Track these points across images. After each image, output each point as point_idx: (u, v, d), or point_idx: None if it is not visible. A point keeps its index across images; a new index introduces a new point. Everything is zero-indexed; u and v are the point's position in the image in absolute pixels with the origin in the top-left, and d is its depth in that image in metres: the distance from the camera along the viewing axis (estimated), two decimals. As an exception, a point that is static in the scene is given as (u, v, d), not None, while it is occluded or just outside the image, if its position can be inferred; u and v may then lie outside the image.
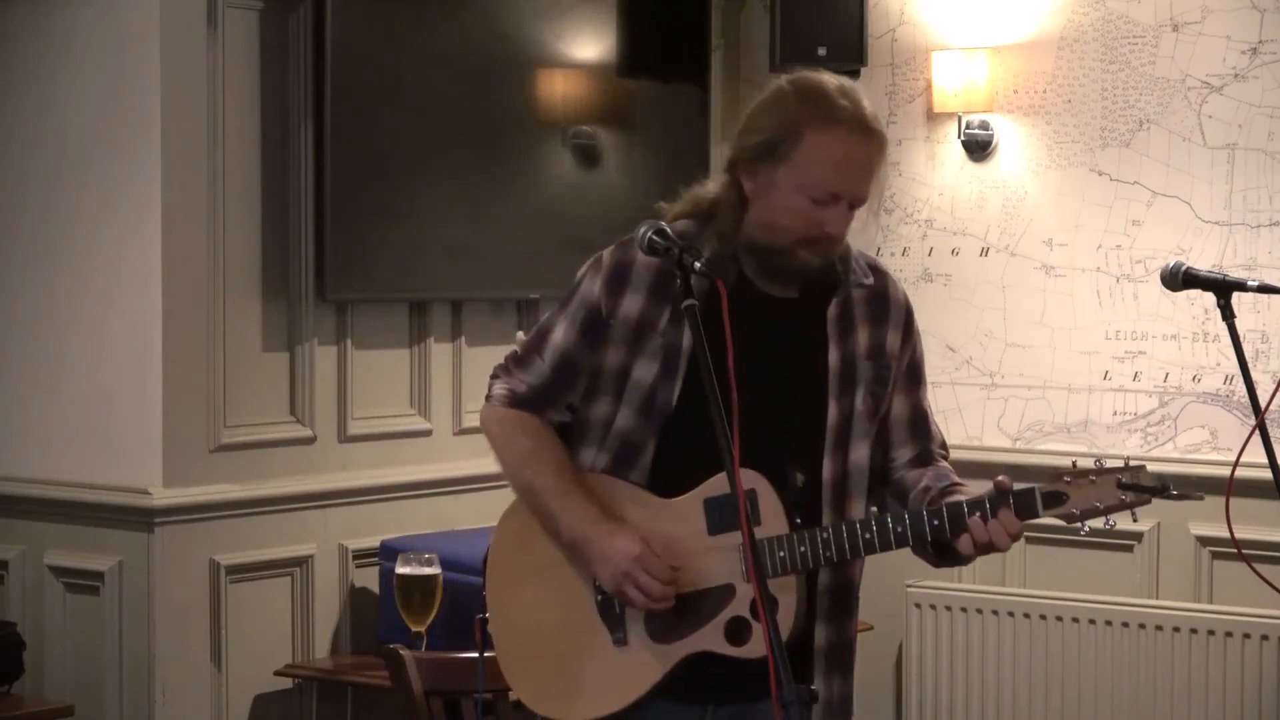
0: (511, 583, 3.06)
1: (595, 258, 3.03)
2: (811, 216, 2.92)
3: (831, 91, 2.95)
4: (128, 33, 4.68)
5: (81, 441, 4.78)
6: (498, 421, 3.07)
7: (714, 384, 2.65)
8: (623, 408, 2.98)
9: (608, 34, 5.55)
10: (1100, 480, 2.89)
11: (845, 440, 3.01)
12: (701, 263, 2.78)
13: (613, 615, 2.97)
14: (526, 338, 3.10)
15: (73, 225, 4.79)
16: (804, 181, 2.91)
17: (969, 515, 2.89)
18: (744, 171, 2.96)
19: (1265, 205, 5.22)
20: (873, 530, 2.92)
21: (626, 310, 2.97)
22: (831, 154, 2.91)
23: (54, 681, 4.79)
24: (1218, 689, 5.13)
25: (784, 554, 2.90)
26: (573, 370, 3.01)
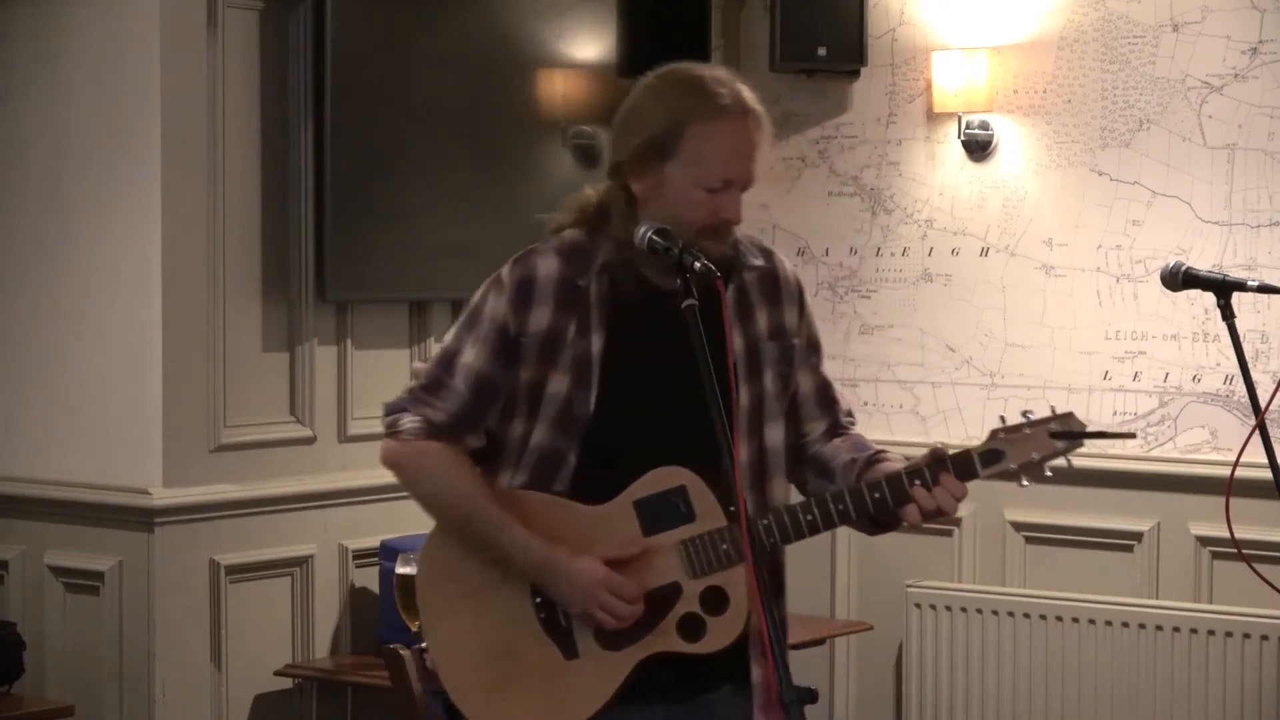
0: (445, 611, 3.02)
1: (494, 277, 3.01)
2: (708, 206, 2.93)
3: (707, 81, 2.96)
4: (128, 33, 4.68)
5: (81, 441, 4.78)
6: (414, 455, 2.99)
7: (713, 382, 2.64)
8: (538, 424, 2.97)
9: (608, 34, 5.55)
10: (1033, 432, 2.93)
11: (759, 423, 3.03)
12: (701, 262, 2.80)
13: (559, 629, 2.96)
14: (428, 366, 3.03)
15: (73, 225, 4.79)
16: (697, 173, 2.92)
17: (910, 484, 2.91)
18: (631, 173, 2.96)
19: (1265, 205, 5.22)
20: (814, 511, 2.93)
21: (535, 325, 2.96)
22: (720, 142, 2.92)
23: (54, 681, 4.79)
24: (1218, 689, 5.13)
25: (726, 546, 2.92)
26: (490, 392, 2.97)
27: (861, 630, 5.65)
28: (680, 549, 2.93)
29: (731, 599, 2.93)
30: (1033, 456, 2.92)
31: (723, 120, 2.93)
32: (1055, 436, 2.93)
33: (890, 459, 3.04)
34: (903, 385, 5.74)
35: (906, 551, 5.63)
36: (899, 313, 5.75)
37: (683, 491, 2.92)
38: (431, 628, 3.04)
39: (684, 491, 2.92)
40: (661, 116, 2.93)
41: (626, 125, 2.99)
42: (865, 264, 5.80)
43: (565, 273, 2.95)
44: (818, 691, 5.38)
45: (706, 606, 2.93)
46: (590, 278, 2.96)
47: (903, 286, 5.74)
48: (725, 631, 2.93)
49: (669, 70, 3.02)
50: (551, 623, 2.96)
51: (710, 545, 2.92)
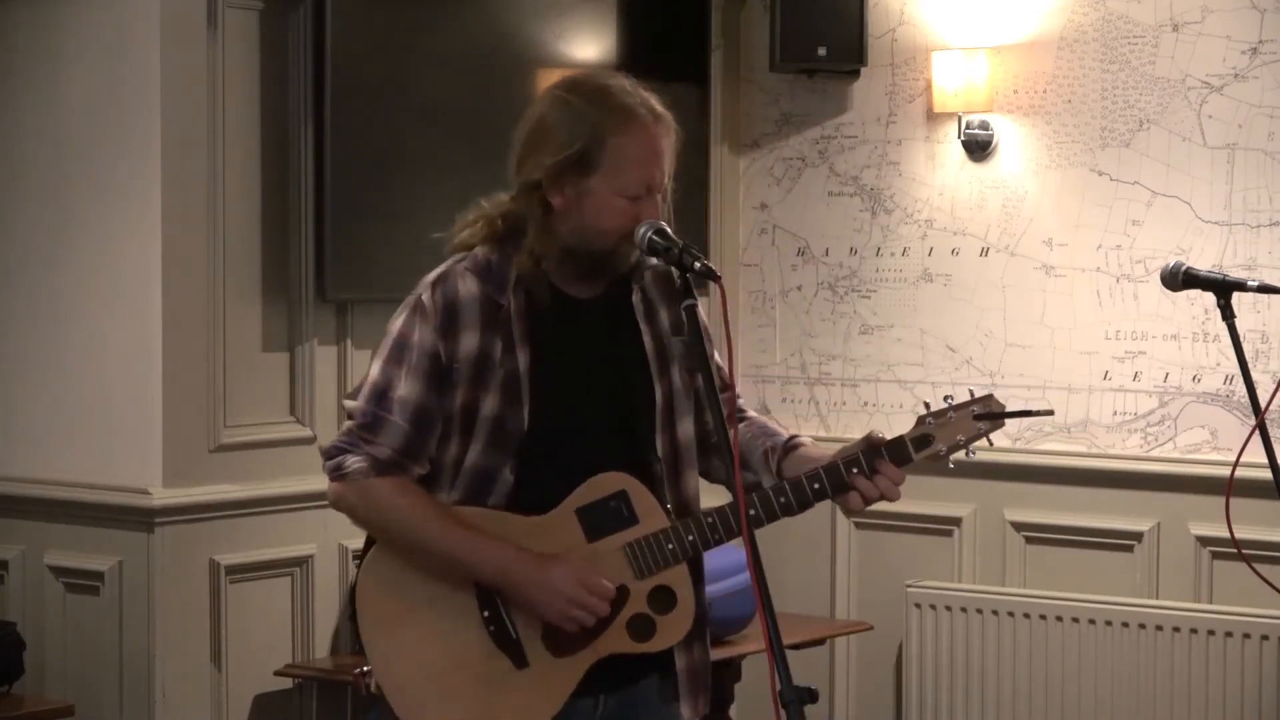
0: (388, 629, 3.01)
1: (415, 302, 3.03)
2: (629, 213, 2.96)
3: (616, 90, 3.00)
4: (128, 32, 4.68)
5: (81, 441, 4.78)
6: (363, 494, 2.99)
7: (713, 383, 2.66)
8: (473, 444, 2.99)
9: (608, 34, 5.55)
10: (958, 416, 3.06)
11: (671, 418, 3.08)
12: (701, 262, 2.83)
13: (508, 640, 2.99)
14: (361, 404, 3.00)
15: (73, 225, 4.79)
16: (618, 183, 2.96)
17: (849, 473, 3.00)
18: (551, 187, 2.98)
19: (1265, 205, 5.22)
20: (757, 506, 2.99)
21: (465, 350, 2.98)
22: (638, 151, 2.97)
23: (54, 681, 4.79)
24: (1218, 689, 5.13)
25: (673, 546, 2.98)
26: (430, 422, 2.98)
27: (861, 630, 5.65)
28: (625, 551, 2.99)
29: (679, 596, 3.00)
30: (958, 439, 3.06)
31: (640, 130, 2.97)
32: (978, 419, 3.07)
33: (806, 444, 3.12)
34: (903, 385, 5.74)
35: (906, 551, 5.63)
36: (899, 313, 5.75)
37: (624, 496, 2.98)
38: (374, 646, 3.02)
39: (625, 496, 2.98)
40: (579, 131, 2.96)
41: (538, 139, 3.00)
42: (865, 264, 5.80)
43: (485, 292, 2.99)
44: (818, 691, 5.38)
45: (655, 606, 3.00)
46: (508, 294, 3.00)
47: (903, 286, 5.74)
48: (675, 629, 3.01)
49: (574, 82, 3.05)
50: (501, 635, 2.99)
51: (655, 546, 2.98)
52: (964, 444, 3.05)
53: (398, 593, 3.01)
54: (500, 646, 2.98)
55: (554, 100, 3.01)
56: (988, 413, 3.07)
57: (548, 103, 3.02)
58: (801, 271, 5.88)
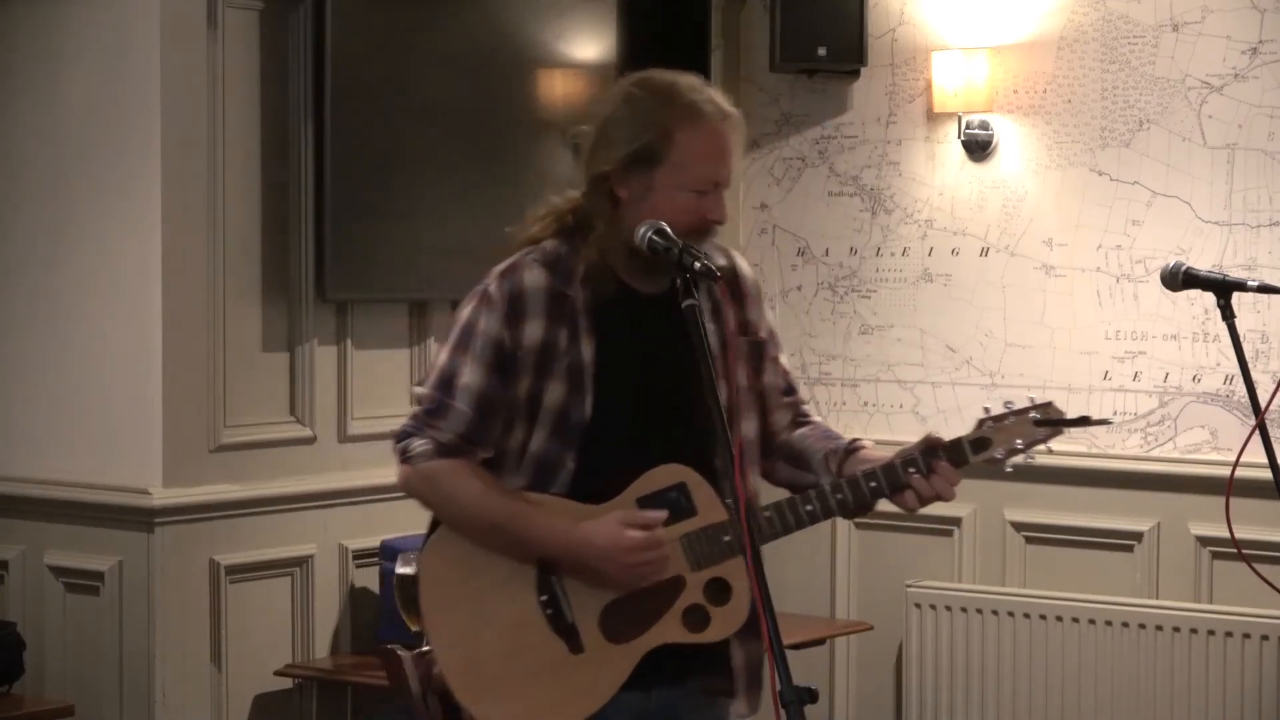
0: (449, 611, 3.06)
1: (482, 292, 3.07)
2: (696, 208, 3.02)
3: (684, 88, 3.06)
4: (128, 32, 4.68)
5: (81, 441, 4.78)
6: (429, 477, 3.06)
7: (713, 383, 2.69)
8: (536, 431, 3.04)
9: (608, 34, 5.55)
10: (1017, 421, 3.09)
11: (735, 417, 3.12)
12: (702, 262, 2.84)
13: (565, 625, 3.02)
14: (428, 390, 3.07)
15: (73, 225, 4.79)
16: (684, 178, 3.01)
17: (906, 473, 3.05)
18: (618, 181, 3.03)
19: (1265, 205, 5.22)
20: (815, 503, 3.05)
21: (530, 338, 3.02)
22: (704, 147, 3.02)
23: (54, 681, 4.79)
24: (1218, 689, 5.13)
25: (729, 538, 3.01)
26: (493, 408, 3.03)
27: (861, 630, 5.65)
28: (682, 542, 3.02)
29: (734, 589, 3.02)
30: (1017, 443, 3.08)
31: (707, 125, 3.03)
32: (1038, 424, 3.08)
33: (867, 447, 3.17)
34: (903, 385, 5.74)
35: (906, 551, 5.63)
36: (899, 313, 5.75)
37: (683, 488, 3.02)
38: (435, 628, 3.07)
39: (684, 488, 3.02)
40: (647, 125, 3.02)
41: (607, 134, 3.06)
42: (865, 264, 5.80)
43: (551, 283, 3.04)
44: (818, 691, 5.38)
45: (710, 597, 3.03)
46: (575, 286, 3.04)
47: (903, 286, 5.74)
48: (729, 620, 3.03)
49: (644, 79, 3.11)
50: (557, 619, 3.02)
51: (711, 538, 3.02)
52: (1022, 449, 3.08)
53: (459, 576, 3.06)
54: (557, 631, 3.02)
55: (623, 96, 3.09)
56: (1047, 419, 3.09)
57: (617, 99, 3.10)
58: (801, 271, 5.88)
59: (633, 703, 3.06)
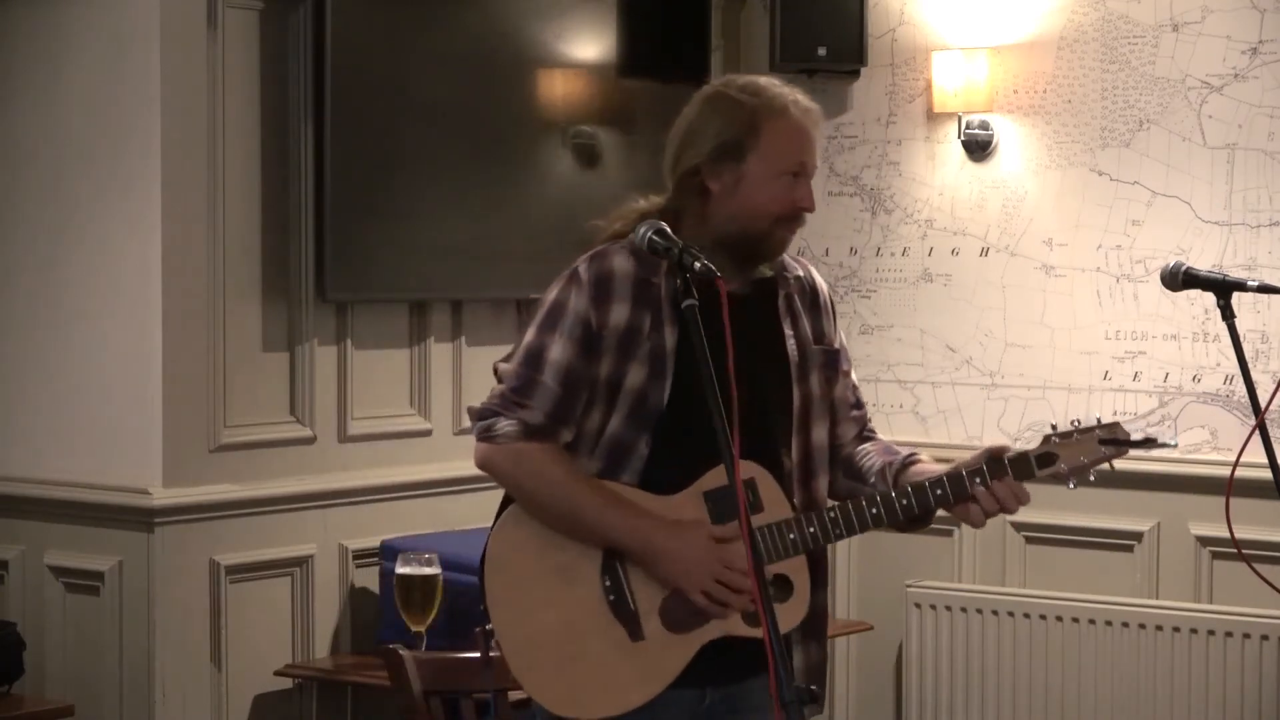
0: (513, 590, 3.09)
1: (571, 274, 3.11)
2: (788, 195, 3.12)
3: (766, 84, 3.18)
4: (128, 33, 4.68)
5: (81, 441, 4.78)
6: (514, 457, 3.07)
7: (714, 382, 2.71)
8: (614, 414, 3.08)
9: (608, 34, 5.55)
10: (1083, 439, 3.13)
11: (807, 422, 3.20)
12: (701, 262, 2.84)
13: (627, 612, 3.05)
14: (514, 366, 3.10)
15: (73, 225, 4.79)
16: (774, 165, 3.11)
17: (971, 484, 3.09)
18: (709, 174, 3.12)
19: (1265, 205, 5.22)
20: (878, 505, 3.09)
21: (615, 320, 3.07)
22: (792, 132, 3.13)
23: (54, 681, 4.79)
24: (1218, 689, 5.13)
25: (794, 536, 3.06)
26: (578, 386, 3.07)
27: (861, 630, 5.65)
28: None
29: (795, 586, 3.08)
30: (1081, 460, 3.13)
31: (791, 113, 3.14)
32: (1104, 443, 3.13)
33: (924, 460, 3.22)
34: (903, 385, 5.74)
35: (906, 551, 5.63)
36: (899, 313, 5.75)
37: (751, 484, 3.05)
38: (499, 607, 3.10)
39: (753, 484, 3.06)
40: (735, 118, 3.12)
41: (694, 133, 3.15)
42: (865, 264, 5.80)
43: (638, 270, 3.08)
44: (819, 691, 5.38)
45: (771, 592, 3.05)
46: (660, 275, 3.09)
47: (903, 286, 5.74)
48: (788, 618, 3.07)
49: (725, 82, 3.22)
50: (620, 605, 3.06)
51: (776, 535, 3.06)
52: (1086, 466, 3.12)
53: (526, 558, 3.09)
54: (618, 617, 3.06)
55: (708, 97, 3.18)
56: (1112, 439, 3.13)
57: (702, 100, 3.19)
58: (801, 271, 5.87)
59: (689, 700, 3.10)
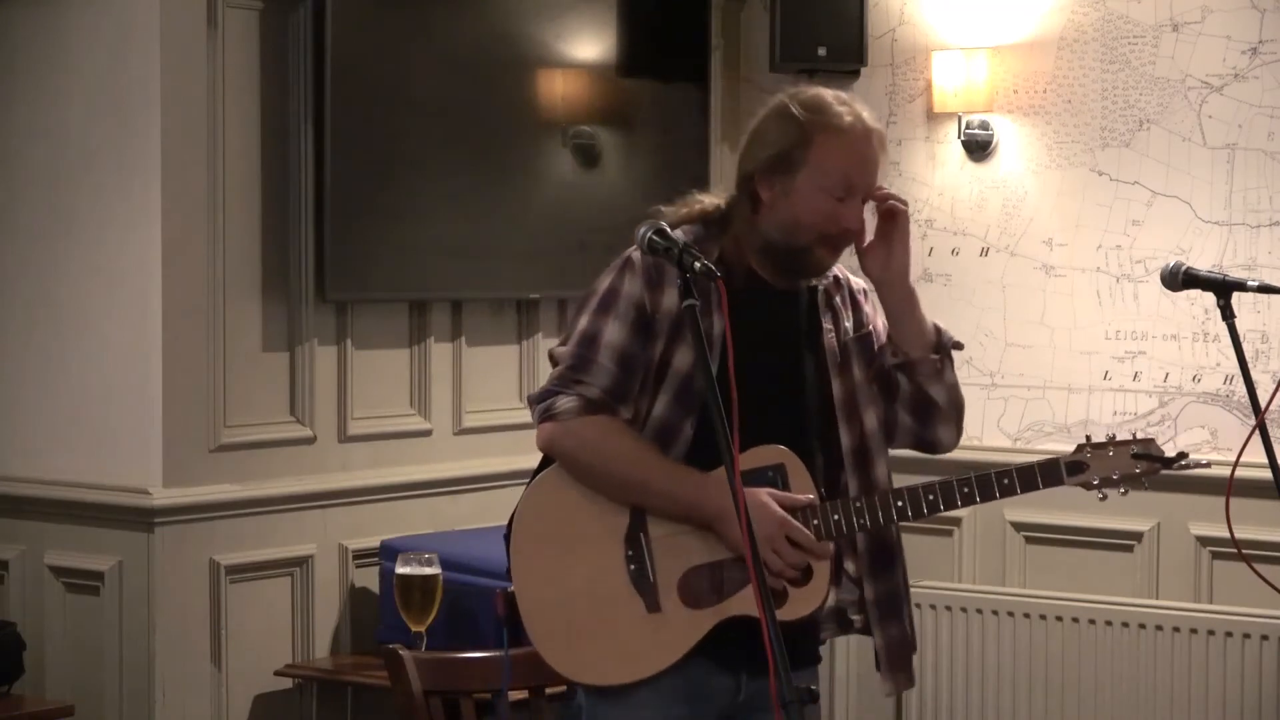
0: (535, 554, 3.16)
1: (624, 260, 3.18)
2: (832, 213, 3.16)
3: (830, 100, 3.21)
4: (128, 33, 4.68)
5: (81, 441, 4.78)
6: (576, 432, 3.13)
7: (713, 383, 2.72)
8: (661, 395, 3.14)
9: (608, 34, 5.55)
10: (1116, 452, 3.19)
11: (856, 410, 3.25)
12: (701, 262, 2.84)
13: (646, 584, 3.11)
14: (570, 348, 3.17)
15: (73, 225, 4.79)
16: (823, 181, 3.15)
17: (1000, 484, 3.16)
18: (761, 182, 3.18)
19: (1265, 205, 5.22)
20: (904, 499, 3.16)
21: (668, 304, 3.13)
22: (844, 152, 3.16)
23: (54, 681, 4.79)
24: (1218, 689, 5.13)
25: (817, 522, 3.12)
26: (635, 366, 3.14)
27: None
28: None
29: (815, 572, 3.11)
30: (1113, 474, 3.19)
31: (847, 134, 3.16)
32: (1136, 458, 3.19)
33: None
34: (903, 385, 5.74)
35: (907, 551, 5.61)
36: (899, 313, 5.74)
37: (780, 469, 3.13)
38: (520, 567, 3.16)
39: (782, 469, 3.13)
40: (791, 131, 3.16)
41: (756, 139, 3.21)
42: (865, 264, 5.79)
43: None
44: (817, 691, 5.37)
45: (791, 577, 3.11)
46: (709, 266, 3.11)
47: (903, 286, 5.73)
48: (805, 602, 3.11)
49: (796, 93, 3.25)
50: (640, 576, 3.12)
51: (800, 520, 3.10)
52: (1117, 481, 3.18)
53: (553, 521, 3.16)
54: (637, 588, 3.11)
55: (776, 107, 3.23)
56: (1146, 454, 3.18)
57: (770, 111, 3.23)
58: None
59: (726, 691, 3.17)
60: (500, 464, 5.33)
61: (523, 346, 5.47)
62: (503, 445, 5.35)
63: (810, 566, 3.10)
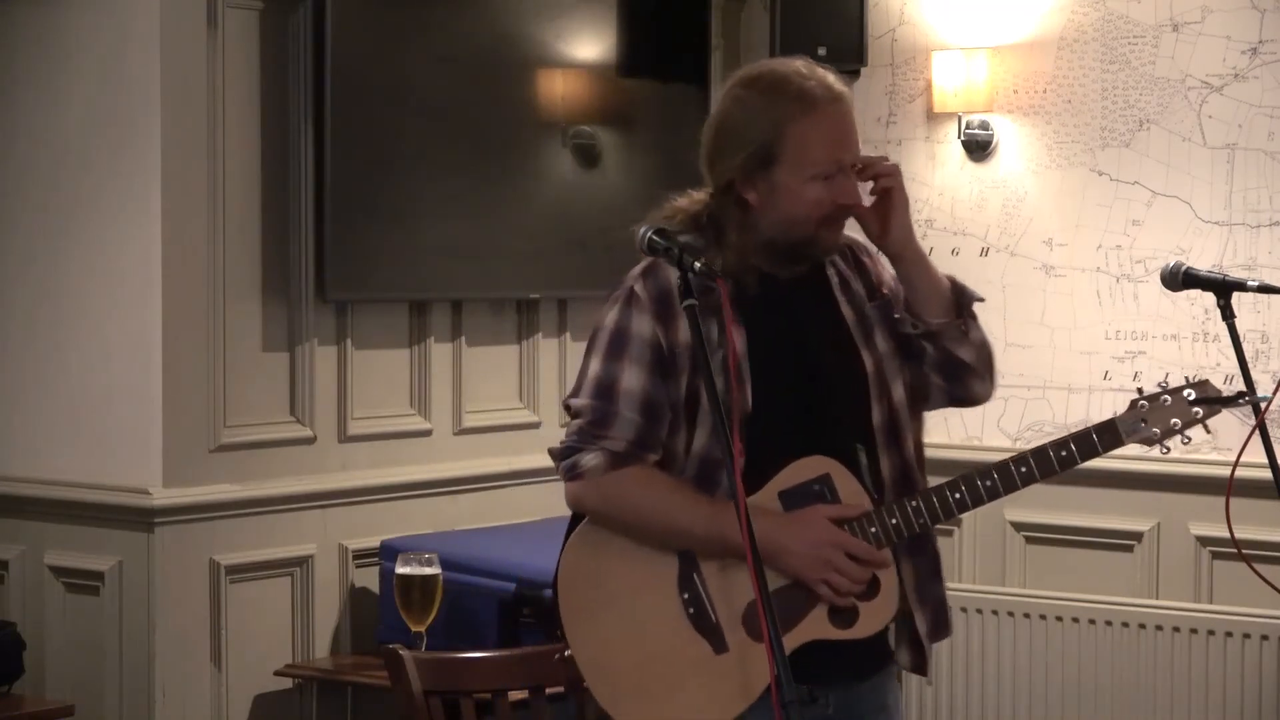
0: (588, 616, 3.00)
1: (627, 295, 2.99)
2: (823, 197, 2.98)
3: (791, 77, 2.99)
4: (128, 33, 4.68)
5: (81, 441, 4.78)
6: (607, 489, 2.96)
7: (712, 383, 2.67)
8: (698, 430, 2.96)
9: (608, 34, 5.55)
10: (1173, 400, 3.05)
11: (885, 385, 3.07)
12: (701, 262, 2.79)
13: (708, 625, 2.95)
14: (586, 400, 2.97)
15: (73, 225, 4.79)
16: (807, 169, 2.97)
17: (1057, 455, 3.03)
18: (743, 186, 2.99)
19: (1265, 205, 5.22)
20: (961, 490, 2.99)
21: (683, 337, 2.95)
22: (819, 134, 2.97)
23: (54, 681, 4.79)
24: (1218, 689, 5.13)
25: (875, 529, 2.96)
26: (660, 411, 2.95)
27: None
28: None
29: (882, 583, 2.96)
30: (1174, 424, 3.06)
31: (817, 113, 2.97)
32: (1194, 404, 3.03)
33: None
34: (903, 385, 5.74)
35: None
36: (899, 313, 5.74)
37: (827, 479, 2.95)
38: (575, 633, 3.00)
39: (828, 479, 2.95)
40: (759, 126, 2.97)
41: (722, 141, 3.01)
42: (865, 264, 5.79)
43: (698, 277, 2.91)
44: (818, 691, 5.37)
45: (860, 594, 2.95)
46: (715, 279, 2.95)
47: (903, 286, 5.73)
48: (878, 616, 2.97)
49: (748, 77, 3.04)
50: (701, 618, 2.95)
51: (857, 530, 2.95)
52: (1181, 428, 3.04)
53: (599, 578, 2.99)
54: (700, 630, 2.94)
55: (732, 100, 3.02)
56: (1204, 397, 3.03)
57: (727, 103, 3.03)
58: (801, 271, 5.87)
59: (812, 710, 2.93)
60: (500, 464, 5.34)
61: (523, 346, 5.47)
62: (503, 445, 5.36)
63: (876, 578, 2.95)
